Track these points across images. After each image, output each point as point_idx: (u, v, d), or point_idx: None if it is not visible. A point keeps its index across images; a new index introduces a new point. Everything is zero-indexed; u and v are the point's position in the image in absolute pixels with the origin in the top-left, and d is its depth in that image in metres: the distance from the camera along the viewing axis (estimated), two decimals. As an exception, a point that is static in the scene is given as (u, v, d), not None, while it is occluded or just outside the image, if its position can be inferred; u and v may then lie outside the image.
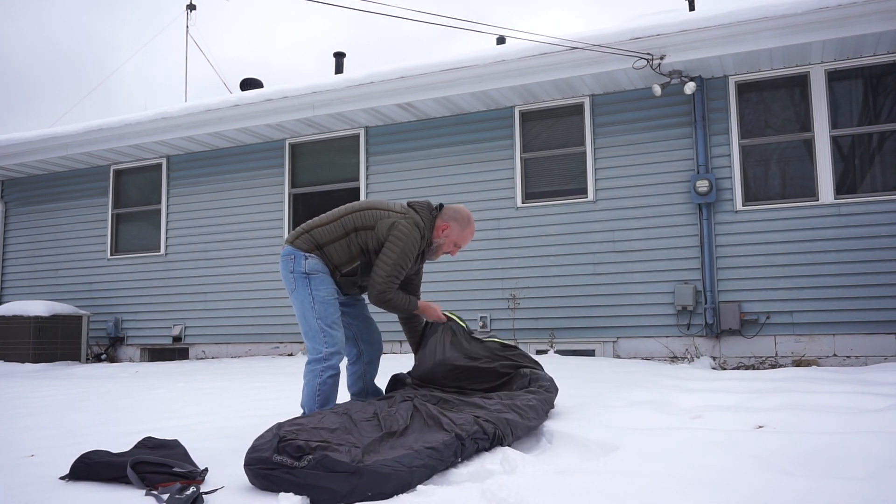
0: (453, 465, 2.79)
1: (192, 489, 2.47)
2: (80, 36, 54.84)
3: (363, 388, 3.91)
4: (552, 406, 3.78)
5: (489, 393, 3.63)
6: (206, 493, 2.52)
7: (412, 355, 7.58)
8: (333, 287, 3.56)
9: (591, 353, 7.73)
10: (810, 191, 7.17)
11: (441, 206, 3.77)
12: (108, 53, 50.89)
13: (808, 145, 7.23)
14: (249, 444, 2.67)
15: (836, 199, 7.04)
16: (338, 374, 3.54)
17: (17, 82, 47.52)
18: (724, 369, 6.93)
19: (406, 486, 2.51)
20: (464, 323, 4.03)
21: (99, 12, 57.29)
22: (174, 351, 10.20)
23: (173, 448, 2.92)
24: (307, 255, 3.54)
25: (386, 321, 9.12)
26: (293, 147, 9.61)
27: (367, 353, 3.92)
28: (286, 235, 9.42)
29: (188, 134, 9.57)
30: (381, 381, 4.13)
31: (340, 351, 3.54)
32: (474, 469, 2.74)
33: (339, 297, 3.67)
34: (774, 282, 7.13)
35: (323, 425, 2.72)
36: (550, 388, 3.82)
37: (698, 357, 7.18)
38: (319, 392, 3.49)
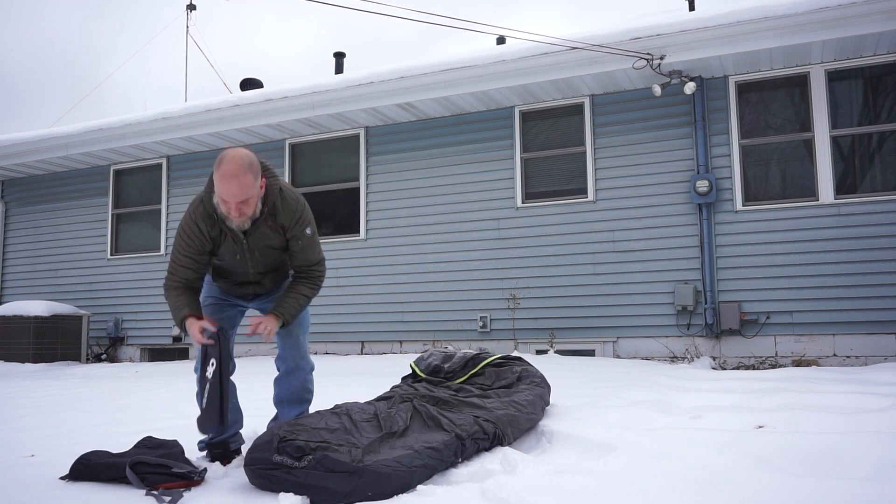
0: (453, 465, 2.79)
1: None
2: (76, 41, 54.74)
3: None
4: (547, 402, 3.79)
5: (487, 391, 3.64)
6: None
7: (412, 355, 7.59)
8: (205, 297, 3.17)
9: (591, 353, 7.73)
10: (810, 191, 7.17)
11: None
12: (103, 58, 50.81)
13: (808, 145, 7.23)
14: (249, 444, 2.67)
15: (836, 199, 7.04)
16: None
17: (11, 86, 47.40)
18: (724, 369, 6.93)
19: (406, 486, 2.51)
20: (421, 372, 3.90)
21: (95, 18, 57.22)
22: (174, 351, 10.20)
23: (172, 448, 2.93)
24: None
25: (385, 321, 9.09)
26: (293, 147, 9.60)
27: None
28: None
29: (188, 134, 9.56)
30: (379, 381, 4.12)
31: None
32: (474, 469, 2.75)
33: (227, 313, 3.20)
34: (774, 282, 7.13)
35: (323, 425, 2.72)
36: (542, 384, 3.84)
37: (698, 357, 7.18)
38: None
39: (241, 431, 3.29)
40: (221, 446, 3.16)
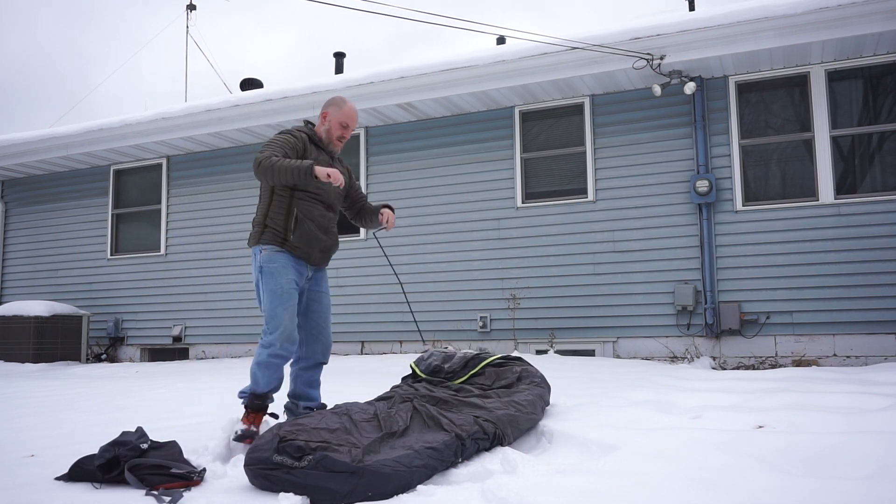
0: (453, 465, 2.79)
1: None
2: (67, 50, 54.38)
3: (293, 392, 3.76)
4: (547, 402, 3.79)
5: (487, 392, 3.64)
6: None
7: (412, 355, 7.59)
8: (286, 279, 3.52)
9: (591, 353, 7.73)
10: (810, 191, 7.17)
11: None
12: (94, 68, 50.49)
13: (808, 145, 7.23)
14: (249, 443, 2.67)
15: (836, 199, 7.04)
16: (272, 356, 3.45)
17: (5, 94, 47.05)
18: (724, 369, 6.93)
19: (406, 486, 2.51)
20: (421, 372, 3.90)
21: (85, 28, 56.92)
22: (174, 351, 10.20)
23: (171, 448, 2.92)
24: (261, 247, 3.60)
25: (385, 321, 9.07)
26: (293, 147, 9.58)
27: (305, 359, 3.73)
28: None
29: (188, 134, 9.56)
30: (379, 381, 4.12)
31: (280, 336, 3.45)
32: (474, 469, 2.75)
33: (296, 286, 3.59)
34: (774, 282, 7.13)
35: (323, 425, 2.72)
36: (542, 384, 3.84)
37: (698, 357, 7.18)
38: (253, 372, 3.49)
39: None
40: (262, 398, 3.45)
